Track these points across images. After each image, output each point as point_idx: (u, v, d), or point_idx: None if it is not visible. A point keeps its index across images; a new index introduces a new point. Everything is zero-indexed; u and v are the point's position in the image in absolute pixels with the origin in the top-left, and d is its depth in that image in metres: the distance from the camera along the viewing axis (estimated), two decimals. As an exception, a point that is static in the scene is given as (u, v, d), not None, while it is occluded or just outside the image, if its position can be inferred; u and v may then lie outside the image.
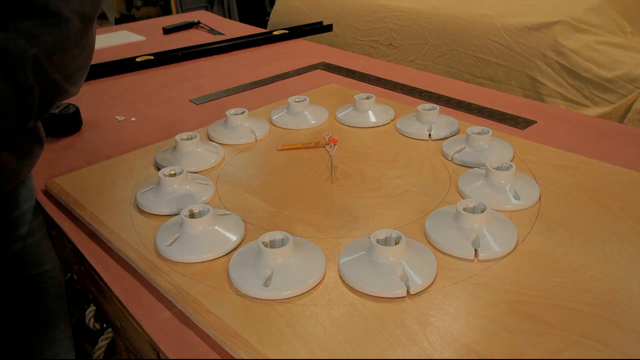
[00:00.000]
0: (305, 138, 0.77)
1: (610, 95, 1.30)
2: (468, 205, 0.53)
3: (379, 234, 0.49)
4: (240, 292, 0.47)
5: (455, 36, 1.55)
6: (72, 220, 0.63)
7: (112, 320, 0.58)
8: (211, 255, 0.52)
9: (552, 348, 0.40)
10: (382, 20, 1.73)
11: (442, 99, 0.92)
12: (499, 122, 0.82)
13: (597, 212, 0.56)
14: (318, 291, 0.47)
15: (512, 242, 0.51)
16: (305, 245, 0.51)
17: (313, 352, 0.40)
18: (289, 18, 1.94)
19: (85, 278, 0.62)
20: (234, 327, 0.43)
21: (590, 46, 1.34)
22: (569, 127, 0.79)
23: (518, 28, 1.43)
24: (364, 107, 0.81)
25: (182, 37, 1.47)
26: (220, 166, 0.70)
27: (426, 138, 0.75)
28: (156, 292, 0.50)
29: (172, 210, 0.59)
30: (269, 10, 2.46)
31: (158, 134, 0.84)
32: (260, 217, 0.59)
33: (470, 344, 0.41)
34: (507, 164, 0.60)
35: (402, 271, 0.47)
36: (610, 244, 0.51)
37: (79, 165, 0.73)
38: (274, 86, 1.04)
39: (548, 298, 0.45)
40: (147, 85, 1.07)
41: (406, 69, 1.11)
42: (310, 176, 0.67)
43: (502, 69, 1.46)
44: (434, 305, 0.45)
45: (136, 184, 0.66)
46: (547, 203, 0.58)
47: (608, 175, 0.63)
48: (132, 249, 0.54)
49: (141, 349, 0.51)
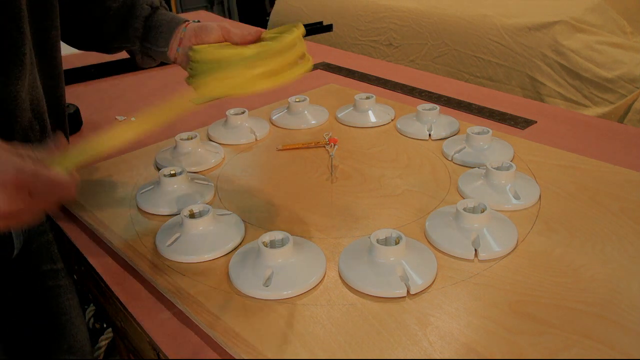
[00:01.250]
0: (305, 138, 0.77)
1: (610, 95, 1.30)
2: (468, 205, 0.53)
3: (379, 234, 0.49)
4: (240, 292, 0.47)
5: (455, 36, 1.55)
6: (72, 220, 0.63)
7: (112, 320, 0.58)
8: (211, 255, 0.52)
9: (552, 348, 0.40)
10: (382, 20, 1.73)
11: (442, 99, 0.92)
12: (499, 122, 0.82)
13: (597, 212, 0.56)
14: (318, 291, 0.47)
15: (512, 242, 0.51)
16: (305, 245, 0.51)
17: (313, 352, 0.40)
18: (289, 18, 1.94)
19: (85, 278, 0.62)
20: (234, 327, 0.43)
21: (590, 46, 1.34)
22: (569, 127, 0.79)
23: (518, 28, 1.43)
24: (364, 107, 0.81)
25: (182, 37, 1.47)
26: (220, 166, 0.70)
27: (426, 138, 0.75)
28: (156, 292, 0.50)
29: (172, 210, 0.59)
30: (269, 10, 2.46)
31: (158, 134, 0.83)
32: (260, 217, 0.59)
33: (470, 344, 0.41)
34: (507, 164, 0.60)
35: (402, 271, 0.47)
36: (610, 244, 0.51)
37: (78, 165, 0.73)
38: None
39: (548, 298, 0.45)
40: (147, 85, 1.07)
41: (406, 69, 1.11)
42: (310, 176, 0.67)
43: (502, 69, 1.46)
44: (434, 305, 0.45)
45: (136, 184, 0.66)
46: (547, 203, 0.58)
47: (608, 175, 0.63)
48: (132, 249, 0.54)
49: (141, 349, 0.51)
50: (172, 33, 0.61)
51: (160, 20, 0.62)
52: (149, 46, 0.63)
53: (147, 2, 0.63)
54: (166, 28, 0.62)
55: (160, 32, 0.62)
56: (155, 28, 0.62)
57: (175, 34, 0.61)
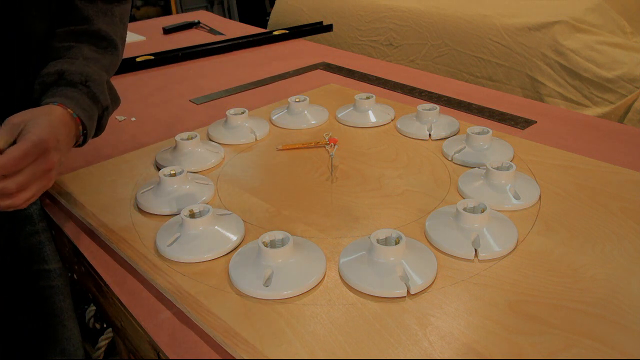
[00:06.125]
0: (305, 138, 0.77)
1: (610, 95, 1.30)
2: (468, 205, 0.53)
3: (379, 234, 0.49)
4: (240, 292, 0.47)
5: (455, 36, 1.55)
6: (72, 220, 0.63)
7: (112, 320, 0.58)
8: (211, 255, 0.52)
9: (552, 348, 0.40)
10: (382, 20, 1.72)
11: (442, 99, 0.92)
12: (499, 122, 0.82)
13: (597, 212, 0.56)
14: (318, 291, 0.47)
15: (512, 242, 0.51)
16: (305, 245, 0.51)
17: (313, 352, 0.40)
18: (289, 18, 1.94)
19: (85, 278, 0.62)
20: (234, 327, 0.43)
21: (590, 46, 1.34)
22: (569, 127, 0.79)
23: (518, 28, 1.42)
24: (364, 107, 0.81)
25: (182, 37, 1.47)
26: (220, 166, 0.70)
27: (426, 138, 0.75)
28: (156, 292, 0.50)
29: (172, 210, 0.59)
30: (269, 10, 2.46)
31: (158, 134, 0.84)
32: (260, 217, 0.59)
33: (470, 344, 0.41)
34: (507, 164, 0.60)
35: (402, 271, 0.47)
36: (610, 244, 0.51)
37: (79, 165, 0.73)
38: (274, 86, 1.04)
39: (548, 298, 0.45)
40: (147, 85, 1.07)
41: (406, 69, 1.11)
42: (310, 176, 0.67)
43: (502, 69, 1.46)
44: (434, 305, 0.45)
45: (136, 184, 0.66)
46: (547, 203, 0.58)
47: (608, 175, 0.63)
48: (132, 249, 0.54)
49: (141, 349, 0.51)
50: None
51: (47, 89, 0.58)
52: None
53: (65, 73, 0.58)
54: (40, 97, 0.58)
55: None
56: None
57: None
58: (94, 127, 0.60)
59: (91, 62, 0.61)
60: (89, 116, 0.58)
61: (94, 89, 0.59)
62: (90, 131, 0.59)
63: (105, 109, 0.61)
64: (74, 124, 0.56)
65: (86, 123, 0.57)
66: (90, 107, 0.59)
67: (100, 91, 0.60)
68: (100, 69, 0.62)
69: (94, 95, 0.59)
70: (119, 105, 0.66)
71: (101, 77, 0.61)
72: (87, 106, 0.58)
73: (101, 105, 0.60)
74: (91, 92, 0.59)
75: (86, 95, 0.58)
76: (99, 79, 0.60)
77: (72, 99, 0.56)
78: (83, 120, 0.57)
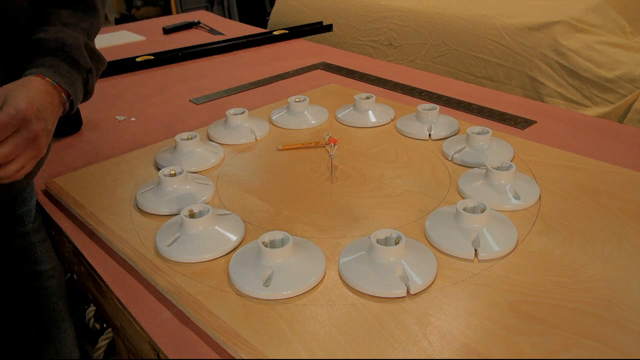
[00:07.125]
0: (305, 138, 0.77)
1: (610, 95, 1.30)
2: (468, 205, 0.53)
3: (379, 234, 0.49)
4: (240, 292, 0.47)
5: (455, 36, 1.55)
6: (72, 220, 0.63)
7: (112, 320, 0.58)
8: (211, 255, 0.52)
9: (552, 348, 0.40)
10: (382, 20, 1.72)
11: (442, 99, 0.92)
12: (499, 122, 0.82)
13: (597, 212, 0.56)
14: (318, 291, 0.47)
15: (512, 242, 0.51)
16: (305, 245, 0.51)
17: (313, 352, 0.40)
18: (289, 18, 1.94)
19: (85, 278, 0.62)
20: (234, 327, 0.43)
21: (590, 46, 1.34)
22: (569, 127, 0.79)
23: (518, 28, 1.42)
24: (364, 107, 0.81)
25: (182, 37, 1.47)
26: (220, 166, 0.70)
27: (426, 138, 0.75)
28: (156, 292, 0.50)
29: (172, 210, 0.59)
30: (269, 10, 2.46)
31: (158, 134, 0.84)
32: (260, 217, 0.59)
33: (470, 344, 0.41)
34: (507, 164, 0.60)
35: (402, 271, 0.47)
36: (610, 244, 0.51)
37: (79, 165, 0.73)
38: (274, 86, 1.04)
39: (548, 298, 0.45)
40: (147, 85, 1.07)
41: (406, 69, 1.11)
42: (310, 176, 0.67)
43: (502, 69, 1.46)
44: (434, 305, 0.45)
45: (136, 184, 0.66)
46: (547, 203, 0.58)
47: (608, 175, 0.63)
48: (132, 249, 0.54)
49: (141, 349, 0.51)
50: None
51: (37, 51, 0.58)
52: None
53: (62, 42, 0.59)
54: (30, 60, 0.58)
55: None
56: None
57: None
58: (79, 92, 0.60)
59: (70, 26, 0.61)
60: (69, 81, 0.58)
61: (71, 53, 0.59)
62: (76, 96, 0.59)
63: (88, 71, 0.61)
64: (56, 92, 0.56)
65: (68, 89, 0.57)
66: (70, 72, 0.58)
67: (79, 55, 0.59)
68: (79, 32, 0.61)
69: (73, 59, 0.59)
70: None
71: (77, 40, 0.60)
72: (66, 72, 0.58)
73: (83, 69, 0.60)
74: (69, 57, 0.59)
75: (64, 61, 0.58)
76: (74, 42, 0.59)
77: (50, 67, 0.56)
78: (64, 87, 0.57)
